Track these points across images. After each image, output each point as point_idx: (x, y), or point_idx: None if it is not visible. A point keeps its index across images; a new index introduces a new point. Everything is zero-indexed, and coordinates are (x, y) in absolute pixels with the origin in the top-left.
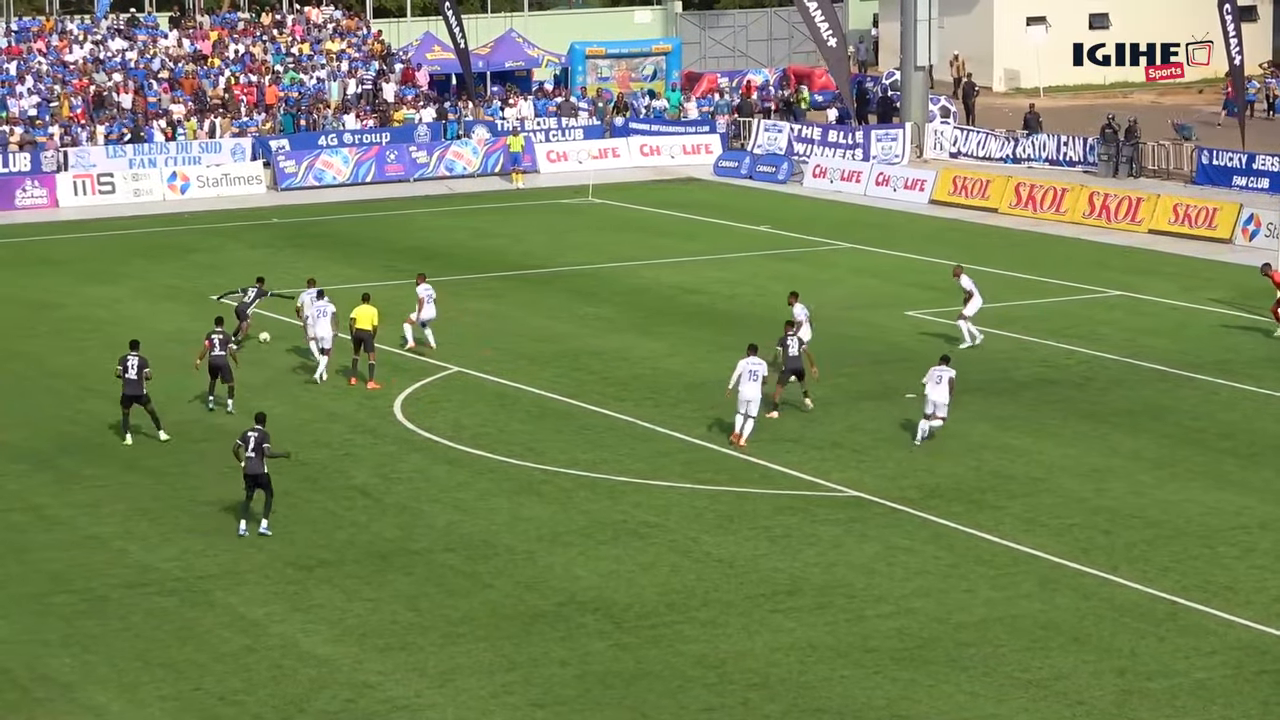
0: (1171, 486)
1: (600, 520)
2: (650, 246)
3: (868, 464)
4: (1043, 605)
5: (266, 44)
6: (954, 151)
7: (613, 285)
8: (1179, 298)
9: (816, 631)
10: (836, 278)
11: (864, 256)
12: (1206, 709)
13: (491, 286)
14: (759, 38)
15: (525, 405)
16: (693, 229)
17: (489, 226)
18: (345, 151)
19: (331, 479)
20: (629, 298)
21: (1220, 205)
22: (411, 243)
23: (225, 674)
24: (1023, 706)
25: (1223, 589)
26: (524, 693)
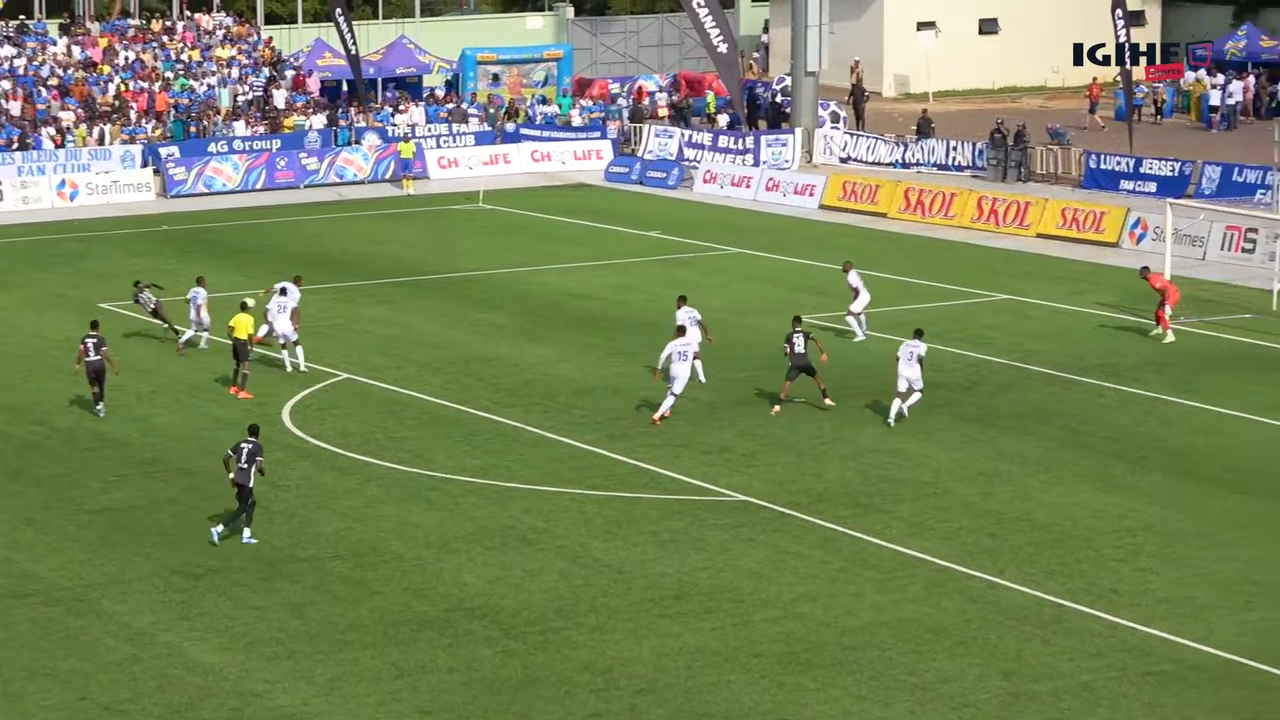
0: (1058, 490)
1: (488, 526)
2: (541, 252)
3: (756, 468)
4: (929, 609)
5: (157, 51)
6: (844, 157)
7: (504, 291)
8: (1066, 301)
9: (704, 636)
10: (726, 283)
11: (754, 261)
12: (1092, 711)
13: (383, 293)
14: (650, 43)
15: (414, 412)
16: (583, 235)
17: (380, 233)
18: (235, 158)
19: (220, 487)
20: (520, 303)
21: (1108, 209)
22: (303, 249)
23: (111, 683)
24: (909, 710)
25: (1108, 592)
26: (411, 700)
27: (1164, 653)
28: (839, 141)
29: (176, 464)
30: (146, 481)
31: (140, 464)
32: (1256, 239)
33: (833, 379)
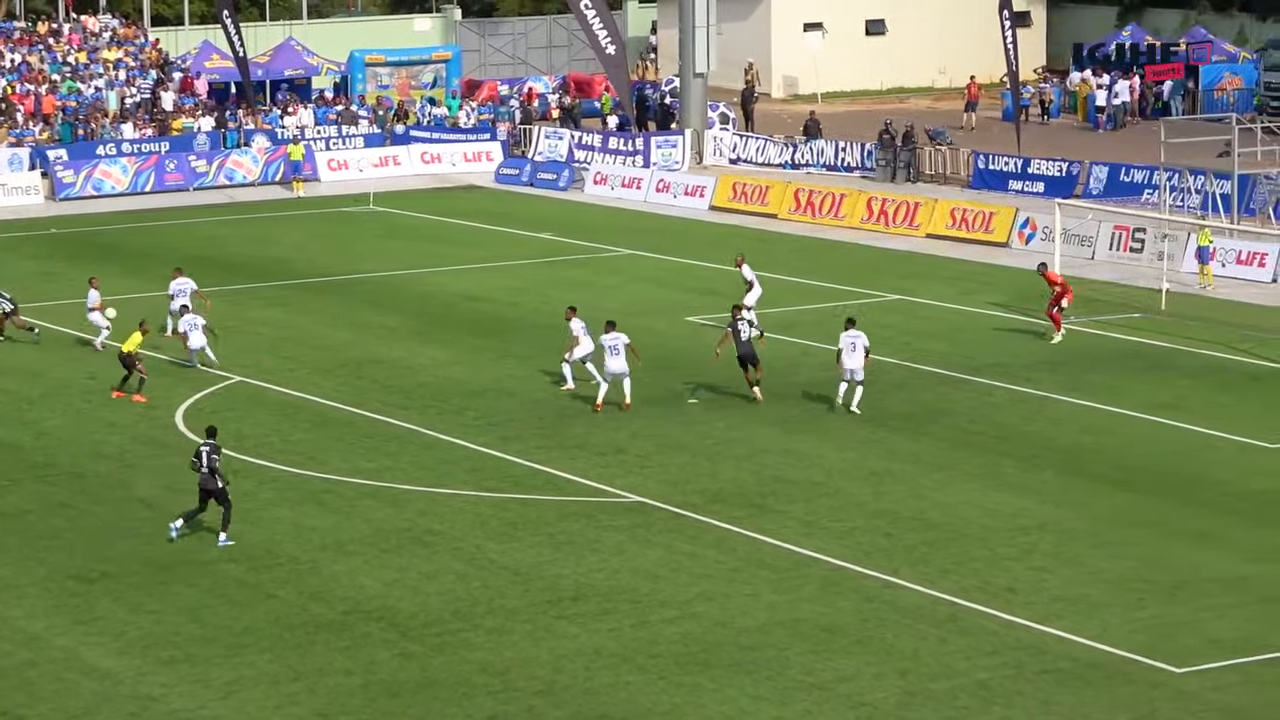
0: (951, 489)
1: (384, 529)
2: (433, 254)
3: (651, 469)
4: (825, 608)
5: (43, 53)
6: (733, 158)
7: (396, 293)
8: (956, 301)
9: (601, 637)
10: (618, 284)
11: (645, 262)
12: (988, 709)
13: (275, 295)
14: (539, 45)
15: (308, 414)
16: (475, 236)
17: (271, 235)
18: (124, 161)
19: (113, 491)
20: (412, 305)
21: (997, 209)
22: (195, 252)
23: (7, 688)
24: (806, 709)
25: (1003, 590)
26: (309, 703)
27: (1059, 650)
28: (728, 143)
29: (69, 468)
30: (38, 486)
31: (32, 468)
32: (1144, 238)
33: (728, 376)
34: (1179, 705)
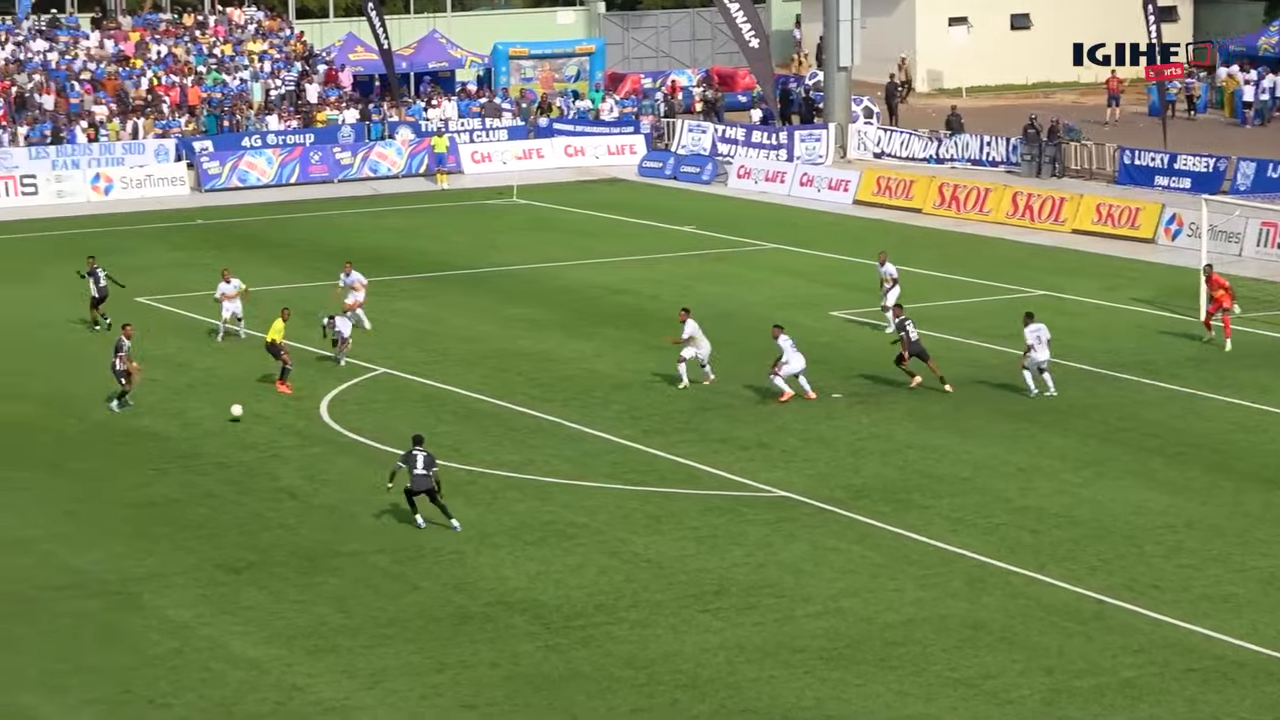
0: (1098, 485)
1: (528, 521)
2: (576, 247)
3: (795, 464)
4: (970, 604)
5: (189, 45)
6: (877, 152)
7: (539, 286)
8: (1103, 297)
9: (745, 631)
10: (762, 278)
11: (789, 257)
12: (1134, 707)
13: (418, 287)
14: (682, 38)
15: (452, 407)
16: (618, 229)
17: (414, 227)
18: (269, 152)
19: (258, 481)
20: (555, 298)
21: (1143, 205)
22: (337, 244)
23: (154, 677)
24: (951, 705)
25: (1149, 587)
26: (453, 694)
27: (1206, 649)
28: (873, 137)
29: (215, 458)
30: (186, 475)
31: (179, 458)
32: None
33: (870, 373)
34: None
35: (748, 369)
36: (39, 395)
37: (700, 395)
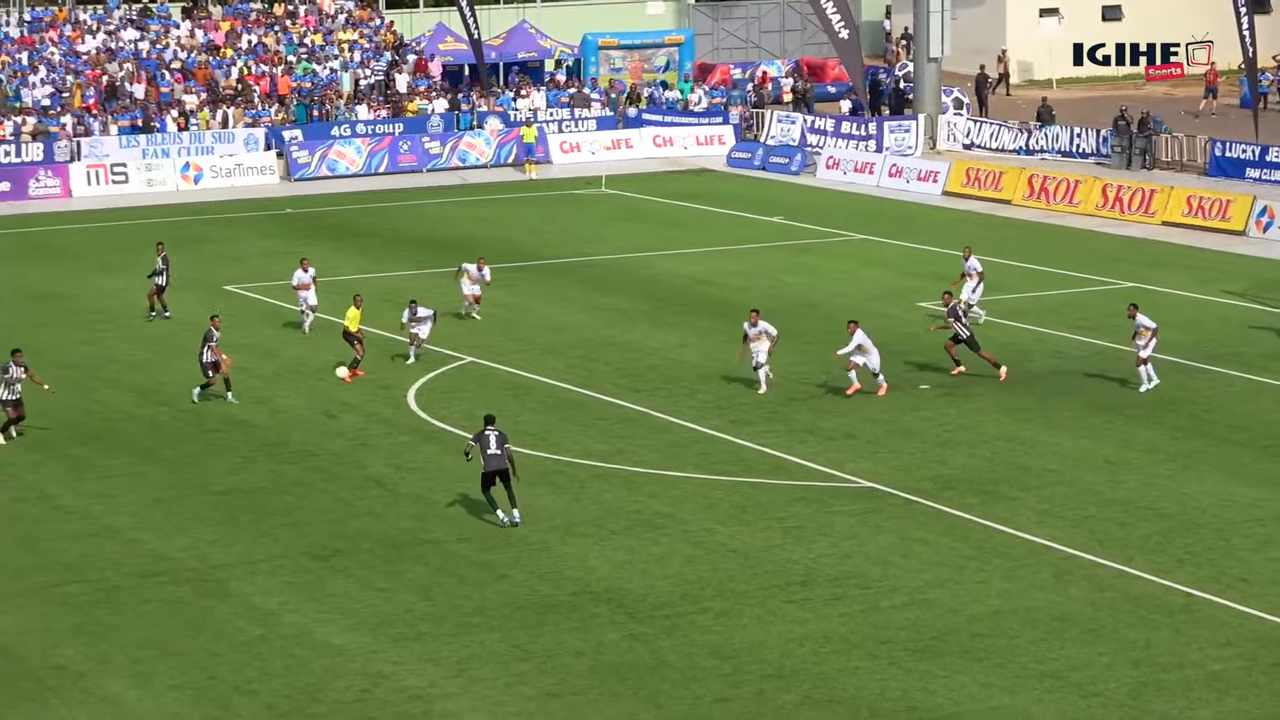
0: (1186, 478)
1: (614, 511)
2: (663, 237)
3: (882, 455)
4: (1057, 596)
5: (279, 34)
6: (967, 143)
7: (626, 276)
8: (1193, 290)
9: (831, 622)
10: (849, 270)
11: (877, 248)
12: (1221, 700)
13: (506, 277)
14: (772, 29)
15: (539, 395)
16: (706, 220)
17: (502, 217)
18: (358, 142)
19: (345, 469)
20: (642, 288)
21: (1234, 197)
22: (425, 233)
23: (240, 663)
24: (1037, 697)
25: (1237, 581)
26: (538, 683)
27: None
28: (962, 128)
29: (301, 446)
30: (272, 464)
31: (266, 446)
32: None
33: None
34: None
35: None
36: (131, 384)
37: (786, 386)
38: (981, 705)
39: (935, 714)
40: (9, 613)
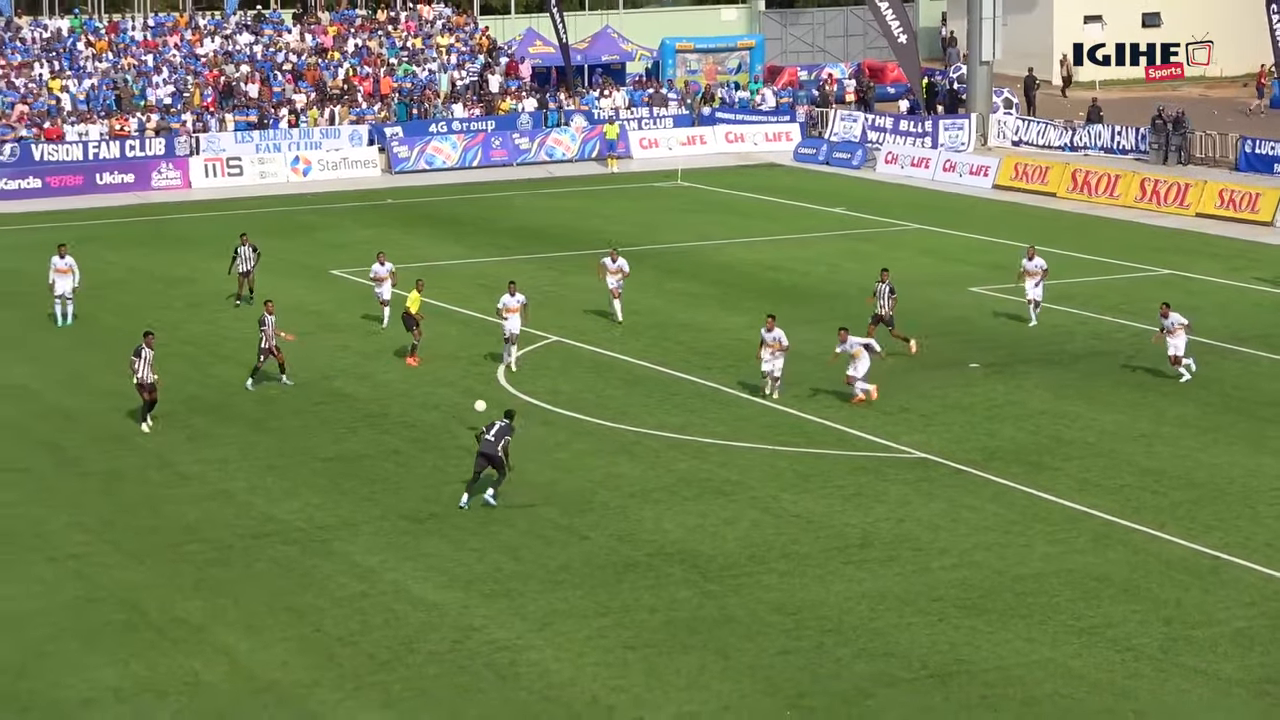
0: (1215, 451)
1: (687, 478)
2: (734, 227)
3: (934, 428)
4: (1095, 559)
5: (382, 39)
6: (1015, 140)
7: (699, 262)
8: (1224, 276)
9: (886, 582)
10: (906, 257)
11: (932, 237)
12: (1246, 655)
13: (590, 263)
14: (835, 34)
15: (619, 373)
16: (773, 211)
17: (586, 207)
18: (454, 138)
19: (440, 439)
20: (714, 274)
21: (1263, 190)
22: (515, 223)
23: (343, 617)
24: (1075, 651)
25: (1263, 545)
26: (616, 636)
27: None
28: (1011, 126)
29: (400, 418)
30: (373, 434)
31: (367, 417)
32: None
33: (1006, 345)
34: None
35: (889, 340)
36: (244, 360)
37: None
38: (1025, 659)
39: (981, 666)
40: (135, 569)
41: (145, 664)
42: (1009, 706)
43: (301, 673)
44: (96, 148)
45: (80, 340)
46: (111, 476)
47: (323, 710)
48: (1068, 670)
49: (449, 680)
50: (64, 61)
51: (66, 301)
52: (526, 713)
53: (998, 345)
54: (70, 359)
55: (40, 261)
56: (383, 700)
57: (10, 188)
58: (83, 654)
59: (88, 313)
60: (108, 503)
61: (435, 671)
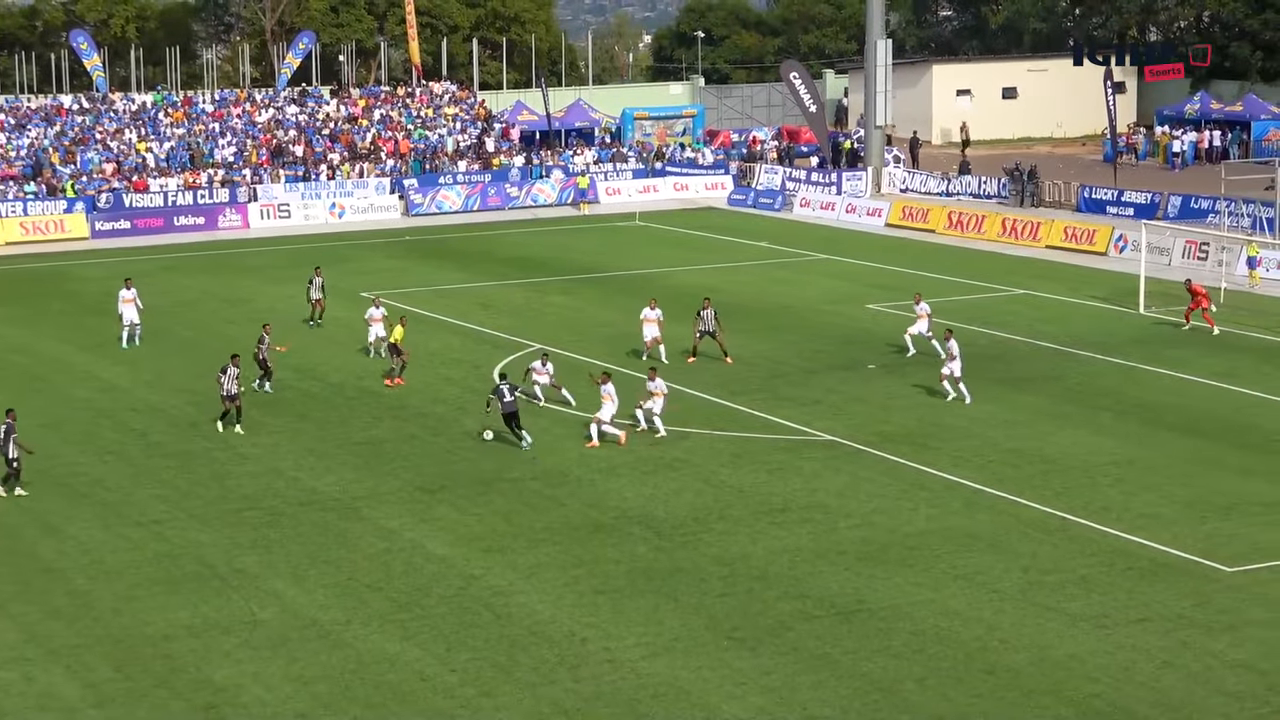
0: (1063, 434)
1: (644, 457)
2: (681, 257)
3: (840, 416)
4: (967, 520)
5: (401, 109)
6: (903, 188)
7: (653, 285)
8: (1068, 295)
9: (801, 539)
10: (814, 280)
11: (837, 265)
12: (1088, 596)
13: (566, 286)
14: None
15: (587, 373)
16: (711, 244)
17: (564, 243)
18: (458, 188)
19: (449, 426)
20: (665, 294)
21: (1098, 227)
22: (508, 254)
23: (370, 568)
24: (953, 594)
25: (1099, 509)
26: (588, 582)
27: (1140, 553)
28: (899, 177)
29: (417, 409)
30: (395, 422)
31: (389, 409)
32: (1209, 250)
33: (895, 350)
34: (1230, 596)
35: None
36: (292, 365)
37: (772, 365)
38: (912, 599)
39: (878, 605)
40: (204, 531)
41: (213, 606)
42: (900, 636)
43: (338, 612)
44: (174, 196)
45: (160, 349)
46: (186, 457)
47: (355, 641)
48: (946, 608)
49: (455, 618)
50: (148, 128)
51: (134, 327)
52: (517, 644)
53: (888, 350)
54: (153, 363)
55: None
56: (402, 634)
57: (106, 228)
58: (163, 598)
59: (165, 327)
60: (183, 478)
61: (444, 611)
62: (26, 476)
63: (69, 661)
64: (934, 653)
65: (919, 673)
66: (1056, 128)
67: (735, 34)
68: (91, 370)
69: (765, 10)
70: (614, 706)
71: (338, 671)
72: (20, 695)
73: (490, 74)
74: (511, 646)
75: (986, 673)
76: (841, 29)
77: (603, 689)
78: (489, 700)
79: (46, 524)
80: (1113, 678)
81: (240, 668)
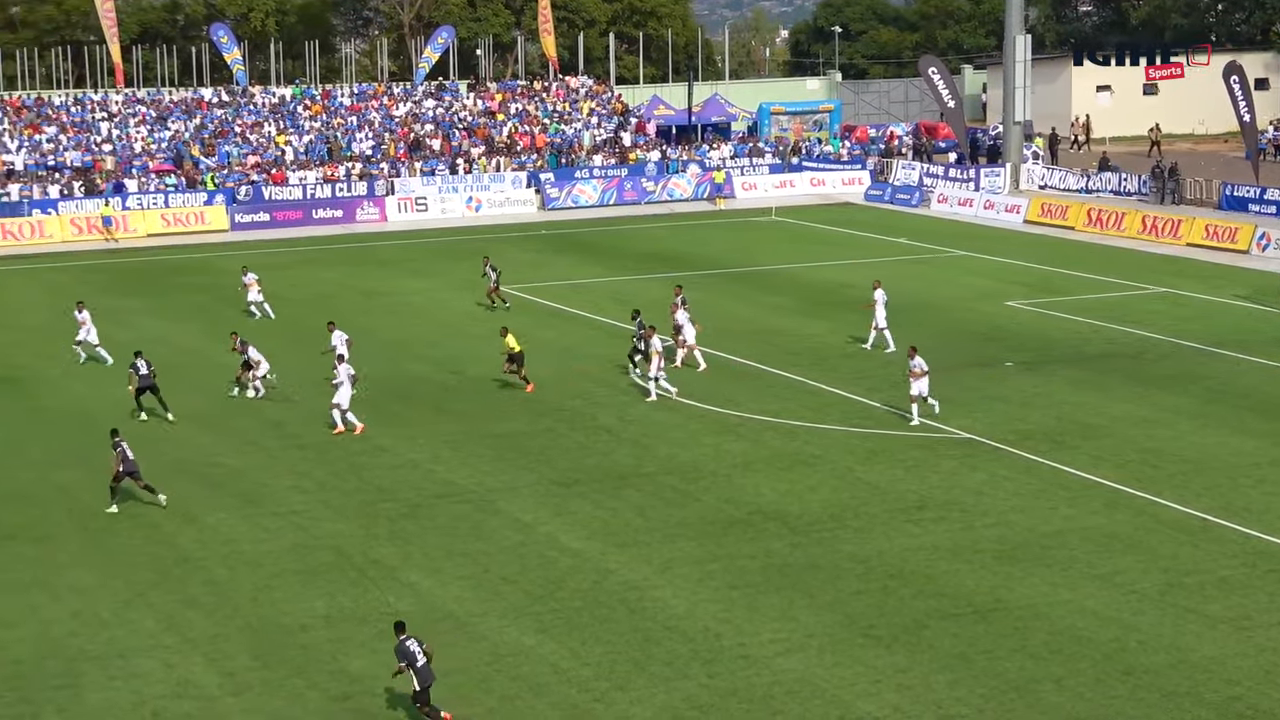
0: (1204, 433)
1: (780, 453)
2: (816, 253)
3: (977, 414)
4: (1106, 520)
5: (538, 103)
6: (1042, 184)
7: (789, 281)
8: (1209, 293)
9: (938, 537)
10: (953, 277)
11: (975, 261)
12: (1228, 597)
13: (701, 281)
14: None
15: (728, 370)
16: (848, 240)
17: (699, 237)
18: (594, 182)
19: (584, 420)
20: (800, 290)
21: (1240, 225)
22: (643, 249)
23: (505, 561)
24: (1090, 594)
25: (1241, 510)
26: (723, 578)
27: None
28: (1038, 173)
29: (553, 404)
30: (530, 416)
31: (525, 402)
32: None
33: (1035, 346)
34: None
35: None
36: (431, 358)
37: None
38: (1049, 599)
39: (1015, 604)
40: (341, 522)
41: (349, 597)
42: (1037, 636)
43: (473, 605)
44: (313, 189)
45: (297, 340)
46: (323, 448)
47: (490, 634)
48: (1083, 609)
49: (590, 612)
50: (287, 121)
51: (262, 305)
52: (651, 638)
53: (1028, 347)
54: (289, 356)
55: (272, 279)
56: (537, 627)
57: (246, 220)
58: (300, 587)
59: (301, 316)
60: (320, 469)
61: (579, 605)
62: (164, 470)
63: (207, 650)
64: (1071, 653)
65: (1056, 673)
66: (1199, 125)
67: (873, 29)
68: (228, 362)
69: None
70: (748, 703)
71: (473, 663)
72: (160, 683)
73: (627, 68)
74: (646, 641)
75: (1124, 674)
76: (980, 24)
77: (737, 685)
78: (623, 694)
79: (186, 514)
80: (1254, 680)
81: (376, 658)
